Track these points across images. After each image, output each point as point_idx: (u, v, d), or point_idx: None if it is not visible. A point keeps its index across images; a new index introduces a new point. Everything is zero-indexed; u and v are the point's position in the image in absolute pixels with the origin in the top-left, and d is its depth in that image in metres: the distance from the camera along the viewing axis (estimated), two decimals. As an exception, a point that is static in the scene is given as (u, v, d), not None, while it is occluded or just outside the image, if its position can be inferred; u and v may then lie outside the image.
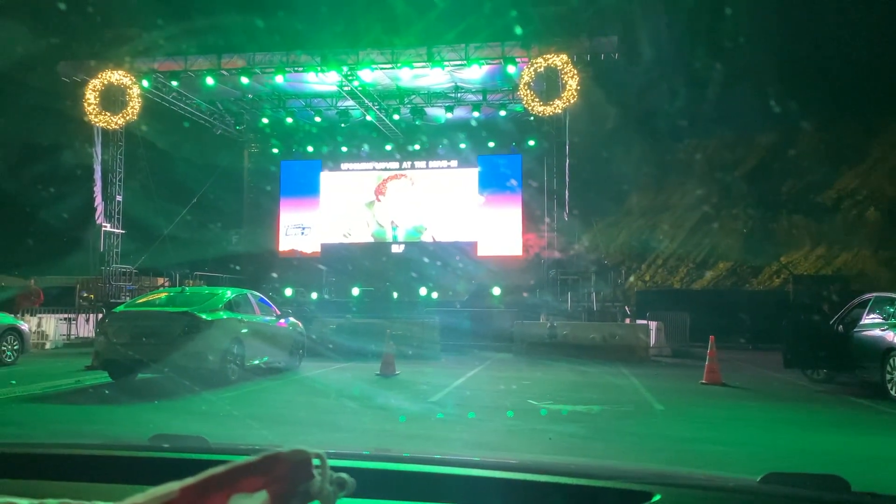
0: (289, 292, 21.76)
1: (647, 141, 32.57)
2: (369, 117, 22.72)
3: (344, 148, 25.19)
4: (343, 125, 24.06)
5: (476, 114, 22.03)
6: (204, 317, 10.03)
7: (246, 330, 10.88)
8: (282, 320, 12.39)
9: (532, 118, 21.21)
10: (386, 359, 11.70)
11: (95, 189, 20.84)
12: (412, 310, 19.29)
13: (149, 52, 20.21)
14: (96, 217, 20.93)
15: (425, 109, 22.31)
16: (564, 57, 18.02)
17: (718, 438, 6.99)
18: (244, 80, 19.99)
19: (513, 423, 7.66)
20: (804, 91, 28.98)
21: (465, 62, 18.70)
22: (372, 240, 25.43)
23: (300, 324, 13.27)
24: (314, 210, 25.82)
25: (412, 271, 23.33)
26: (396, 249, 24.98)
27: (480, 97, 21.76)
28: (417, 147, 24.77)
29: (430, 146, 24.80)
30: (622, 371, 12.80)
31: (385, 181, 25.40)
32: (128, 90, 19.88)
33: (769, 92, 29.33)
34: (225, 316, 10.54)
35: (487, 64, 19.02)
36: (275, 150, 25.96)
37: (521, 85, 18.41)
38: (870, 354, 10.15)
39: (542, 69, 18.15)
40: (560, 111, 18.63)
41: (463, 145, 24.40)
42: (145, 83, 20.14)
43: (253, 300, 11.84)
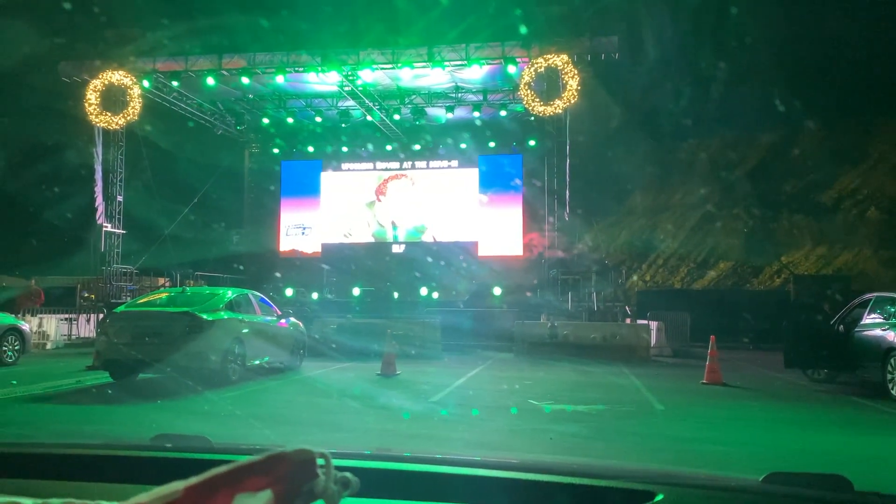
0: (289, 292, 21.77)
1: (648, 140, 32.57)
2: (370, 117, 22.72)
3: (345, 148, 25.20)
4: (344, 125, 24.08)
5: (477, 114, 22.03)
6: (205, 317, 10.03)
7: (247, 330, 10.89)
8: (282, 320, 12.39)
9: (533, 118, 21.21)
10: (387, 359, 11.70)
11: (96, 189, 20.85)
12: (413, 310, 19.30)
13: (149, 53, 20.21)
14: (97, 217, 20.94)
15: (426, 109, 22.32)
16: (565, 57, 18.02)
17: (719, 438, 6.99)
18: (245, 81, 20.00)
19: (514, 423, 7.66)
20: (805, 90, 28.98)
21: (466, 62, 18.70)
22: (372, 240, 25.44)
23: (301, 324, 13.28)
24: (315, 210, 25.83)
25: (413, 271, 23.34)
26: (397, 249, 25.00)
27: (481, 97, 21.76)
28: (418, 147, 24.78)
29: (431, 146, 24.80)
30: (623, 371, 12.80)
31: (386, 181, 25.41)
32: (128, 90, 19.89)
33: (770, 91, 29.36)
34: (226, 316, 10.54)
35: (488, 64, 19.03)
36: (275, 150, 25.97)
37: (522, 85, 18.41)
38: (870, 354, 10.15)
39: (543, 69, 18.15)
40: (560, 111, 18.63)
41: (464, 145, 24.41)
42: (146, 83, 20.15)
43: (254, 300, 11.84)
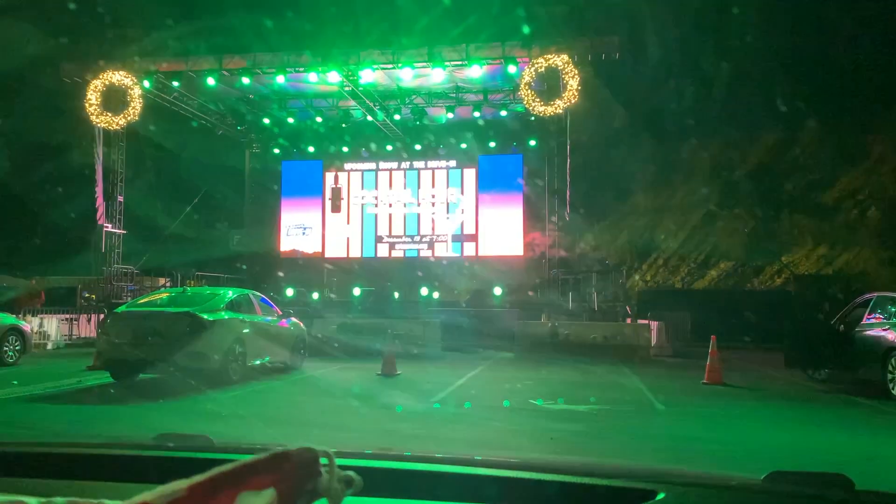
0: (290, 292, 21.77)
1: (650, 140, 32.53)
2: (371, 118, 22.71)
3: (345, 148, 25.20)
4: (344, 125, 24.07)
5: (477, 114, 22.01)
6: (205, 317, 10.04)
7: (248, 330, 10.89)
8: (283, 320, 12.40)
9: (533, 118, 21.20)
10: (388, 358, 11.69)
11: (97, 189, 20.84)
12: (414, 309, 19.31)
13: (150, 53, 20.22)
14: (98, 217, 20.94)
15: (426, 110, 22.31)
16: (565, 57, 18.01)
17: (720, 437, 7.00)
18: (245, 81, 19.98)
19: (515, 422, 7.66)
20: (806, 90, 28.97)
21: (466, 62, 18.69)
22: (372, 240, 25.43)
23: (301, 323, 13.28)
24: (315, 210, 25.85)
25: (413, 271, 23.35)
26: (397, 255, 25.00)
27: (481, 97, 21.74)
28: (418, 147, 24.77)
29: (431, 146, 24.80)
30: (624, 370, 12.80)
31: (386, 181, 25.42)
32: (129, 91, 19.89)
33: (771, 91, 29.33)
34: (226, 316, 10.55)
35: (488, 64, 19.01)
36: (276, 151, 25.96)
37: (522, 85, 18.39)
38: (871, 354, 10.16)
39: (543, 69, 18.13)
40: (561, 111, 18.62)
41: (464, 145, 24.39)
42: (146, 83, 20.14)
43: (254, 300, 11.84)
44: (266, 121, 24.02)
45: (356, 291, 21.62)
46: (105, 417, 8.03)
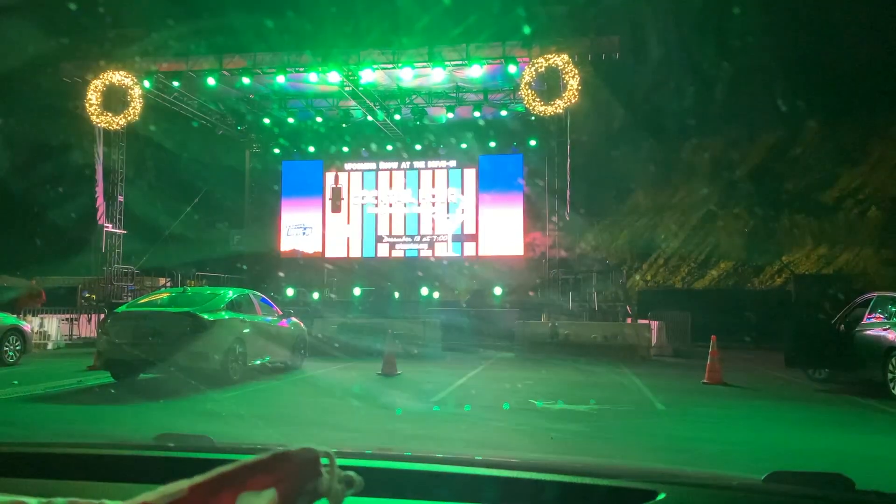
0: (290, 292, 21.78)
1: (650, 140, 32.55)
2: (371, 117, 22.72)
3: (345, 148, 25.21)
4: (344, 125, 24.08)
5: (477, 114, 22.01)
6: (206, 317, 10.04)
7: (248, 330, 10.90)
8: (284, 320, 12.40)
9: (533, 118, 21.20)
10: (388, 358, 11.70)
11: (97, 189, 20.85)
12: (414, 309, 19.31)
13: (150, 53, 20.21)
14: (98, 217, 20.95)
15: (426, 109, 22.31)
16: (565, 57, 18.02)
17: (720, 437, 7.00)
18: (245, 81, 19.99)
19: (515, 422, 7.66)
20: (806, 90, 28.98)
21: (466, 62, 18.70)
22: (373, 240, 25.44)
23: (302, 323, 13.29)
24: (315, 210, 25.86)
25: (413, 271, 23.36)
26: (398, 250, 25.02)
27: (481, 97, 21.74)
28: (419, 147, 24.79)
29: (432, 146, 24.81)
30: (624, 370, 12.80)
31: (386, 181, 25.43)
32: (129, 91, 19.90)
33: (772, 91, 29.34)
34: (227, 316, 10.55)
35: (488, 64, 19.02)
36: (276, 151, 25.98)
37: (522, 85, 18.40)
38: (871, 354, 10.15)
39: (543, 69, 18.14)
40: (561, 111, 18.62)
41: (464, 145, 24.41)
42: (147, 83, 20.15)
43: (255, 300, 11.85)
44: (266, 121, 24.02)
45: (356, 291, 21.63)
46: (105, 417, 8.03)
